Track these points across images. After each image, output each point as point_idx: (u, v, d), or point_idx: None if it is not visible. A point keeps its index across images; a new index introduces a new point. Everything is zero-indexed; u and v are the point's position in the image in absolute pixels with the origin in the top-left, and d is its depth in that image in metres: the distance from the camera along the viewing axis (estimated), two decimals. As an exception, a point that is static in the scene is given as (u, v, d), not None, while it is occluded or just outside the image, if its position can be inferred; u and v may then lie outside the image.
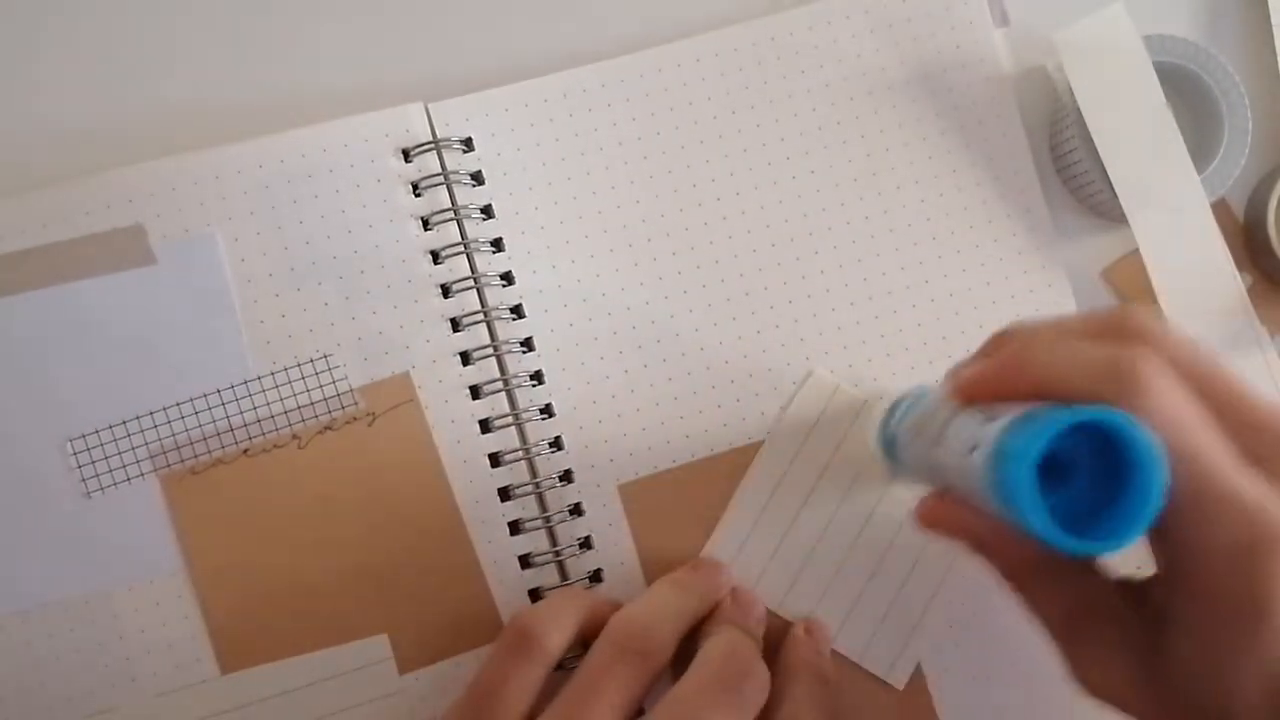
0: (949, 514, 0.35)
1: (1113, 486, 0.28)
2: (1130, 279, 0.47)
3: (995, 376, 0.32)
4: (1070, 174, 0.46)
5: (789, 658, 0.42)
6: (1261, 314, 0.45)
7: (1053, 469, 0.28)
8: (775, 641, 0.43)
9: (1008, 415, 0.29)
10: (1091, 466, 0.29)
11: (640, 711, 0.37)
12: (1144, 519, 0.28)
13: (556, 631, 0.38)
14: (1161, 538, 0.31)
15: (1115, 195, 0.44)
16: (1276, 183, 0.46)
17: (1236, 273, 0.45)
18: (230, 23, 0.46)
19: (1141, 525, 0.28)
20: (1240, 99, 0.45)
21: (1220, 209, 0.47)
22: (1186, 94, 0.46)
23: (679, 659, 0.39)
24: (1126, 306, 0.32)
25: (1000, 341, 0.35)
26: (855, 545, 0.44)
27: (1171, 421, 0.28)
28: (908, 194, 0.46)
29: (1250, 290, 0.46)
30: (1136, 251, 0.45)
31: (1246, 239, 0.48)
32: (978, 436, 0.30)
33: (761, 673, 0.38)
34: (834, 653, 0.44)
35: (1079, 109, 0.44)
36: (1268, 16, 0.48)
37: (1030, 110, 0.47)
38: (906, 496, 0.44)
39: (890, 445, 0.40)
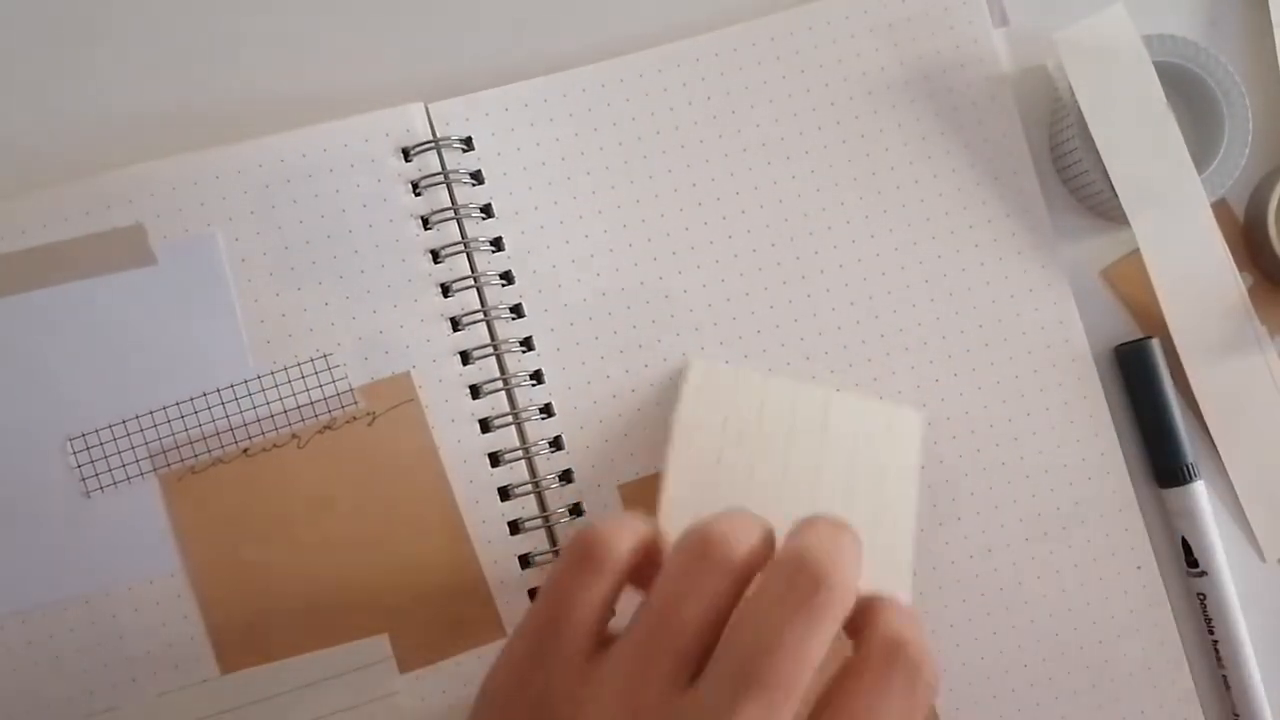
0: None
1: None
2: (1130, 279, 0.47)
3: None
4: (1070, 174, 0.46)
5: (881, 630, 0.33)
6: (1261, 314, 0.45)
7: None
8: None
9: None
10: None
11: None
12: None
13: (625, 539, 0.34)
14: None
15: (1115, 195, 0.44)
16: (1277, 183, 0.46)
17: (1237, 273, 0.45)
18: (230, 23, 0.46)
19: None
20: (1241, 99, 0.45)
21: (1220, 209, 0.47)
22: (1187, 94, 0.46)
23: None
24: None
25: None
26: None
27: None
28: (907, 194, 0.46)
29: (1250, 290, 0.46)
30: (1136, 251, 0.45)
31: (1247, 239, 0.48)
32: None
33: (842, 579, 0.32)
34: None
35: (1079, 109, 0.44)
36: (1268, 16, 0.48)
37: (1030, 110, 0.47)
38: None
39: None
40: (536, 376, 0.44)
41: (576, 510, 0.44)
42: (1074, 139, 0.45)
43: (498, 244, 0.44)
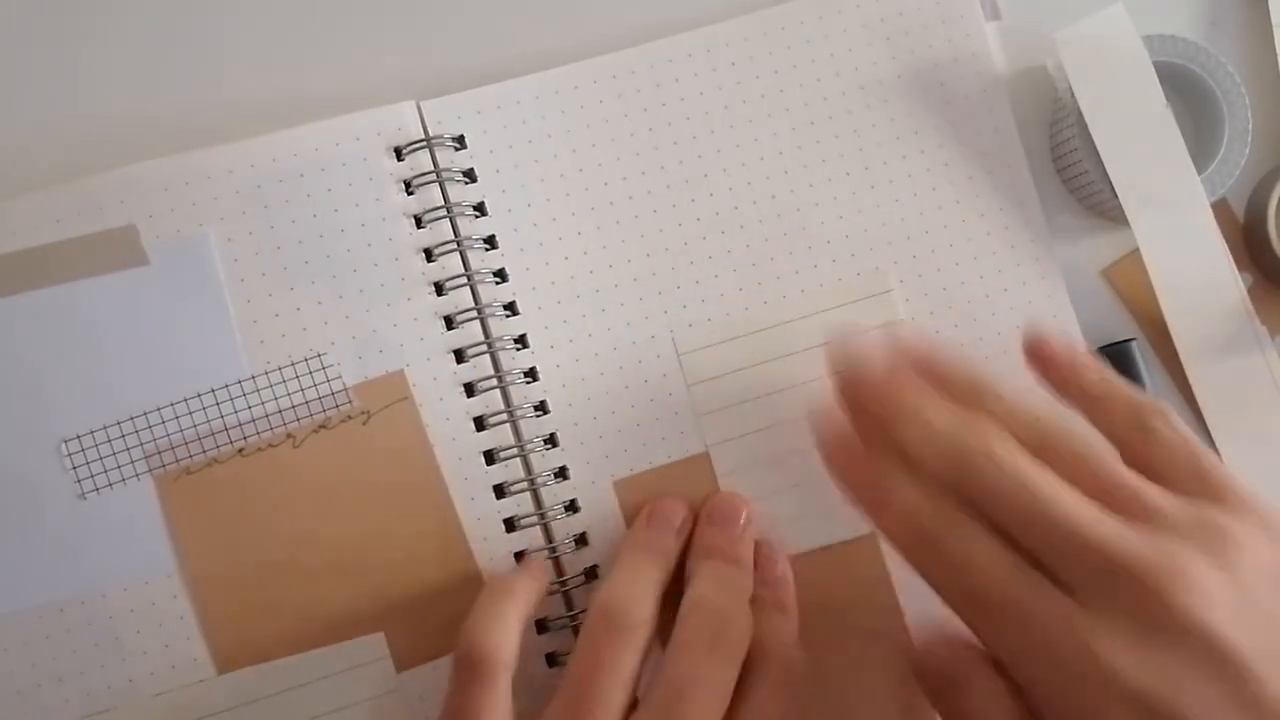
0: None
1: None
2: (1130, 279, 0.47)
3: None
4: (1070, 174, 0.46)
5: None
6: (1261, 314, 0.45)
7: None
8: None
9: None
10: None
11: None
12: None
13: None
14: None
15: (1115, 195, 0.44)
16: (1277, 182, 0.45)
17: (1237, 273, 0.45)
18: (221, 24, 0.46)
19: None
20: (1240, 99, 0.45)
21: (1220, 209, 0.47)
22: (1186, 94, 0.46)
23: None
24: None
25: None
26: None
27: None
28: (900, 189, 0.46)
29: (1250, 290, 0.45)
30: (1136, 251, 0.45)
31: (1247, 239, 0.47)
32: None
33: (741, 614, 0.38)
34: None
35: (1079, 109, 0.44)
36: (1268, 16, 0.47)
37: (1030, 110, 0.47)
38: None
39: None
40: (531, 374, 0.44)
41: (572, 507, 0.44)
42: (1074, 139, 0.45)
43: (491, 242, 0.44)
